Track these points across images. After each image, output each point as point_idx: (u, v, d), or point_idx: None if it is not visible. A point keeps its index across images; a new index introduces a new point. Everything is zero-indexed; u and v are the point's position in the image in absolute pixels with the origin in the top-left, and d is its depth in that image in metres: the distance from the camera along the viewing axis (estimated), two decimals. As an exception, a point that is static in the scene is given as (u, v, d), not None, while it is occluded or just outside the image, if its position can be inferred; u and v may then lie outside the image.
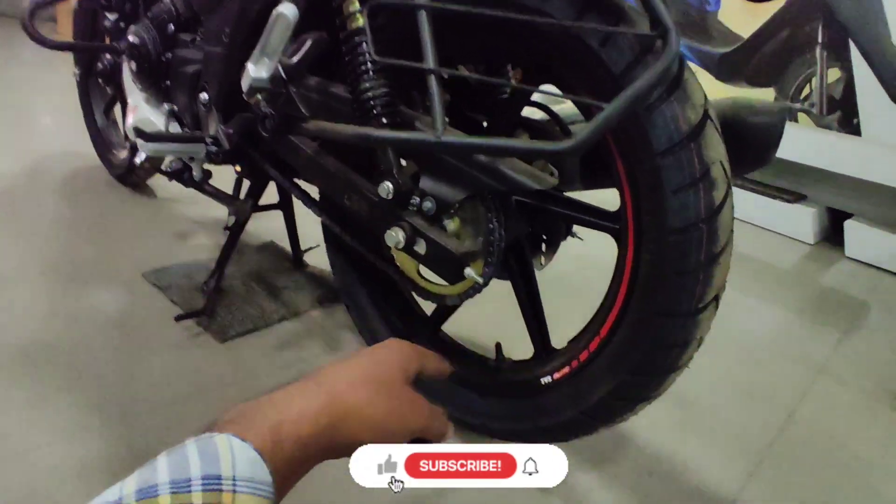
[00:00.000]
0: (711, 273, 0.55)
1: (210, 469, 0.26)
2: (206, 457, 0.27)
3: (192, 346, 1.01)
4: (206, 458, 0.27)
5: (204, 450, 0.27)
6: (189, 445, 0.28)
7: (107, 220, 1.46)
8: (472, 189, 0.61)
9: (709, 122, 0.53)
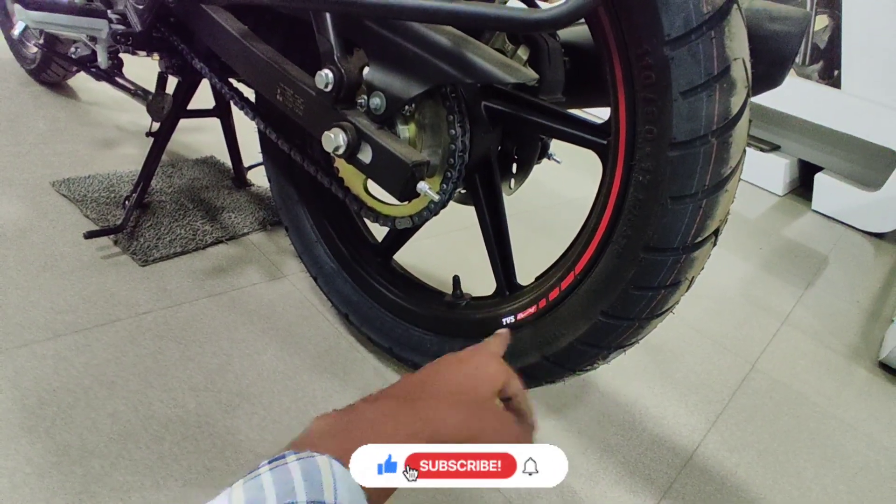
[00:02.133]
0: (715, 201, 0.45)
1: (314, 495, 0.26)
2: (310, 481, 0.27)
3: (106, 267, 0.87)
4: (310, 482, 0.26)
5: (307, 472, 0.27)
6: (292, 465, 0.27)
7: (16, 121, 1.25)
8: (431, 82, 0.48)
9: (734, 6, 0.42)
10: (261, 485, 0.26)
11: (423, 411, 0.34)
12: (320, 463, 0.27)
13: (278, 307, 0.88)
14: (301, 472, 0.27)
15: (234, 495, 0.26)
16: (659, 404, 0.87)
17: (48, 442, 0.59)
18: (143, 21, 0.72)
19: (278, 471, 0.27)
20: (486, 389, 0.38)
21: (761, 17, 0.58)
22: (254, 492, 0.26)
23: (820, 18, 2.36)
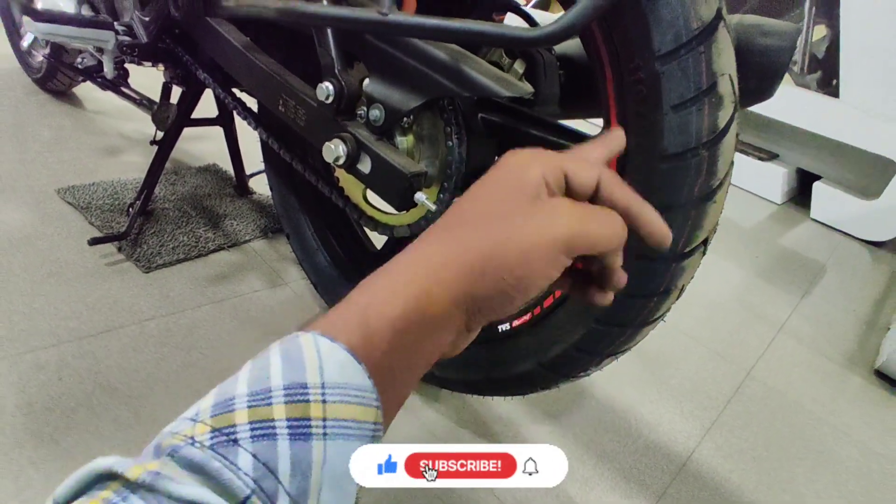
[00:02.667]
0: (704, 211, 0.46)
1: (294, 377, 0.22)
2: (290, 362, 0.23)
3: (110, 274, 0.88)
4: (290, 363, 0.23)
5: (287, 354, 0.23)
6: (272, 349, 0.24)
7: (21, 130, 1.27)
8: (428, 94, 0.50)
9: (722, 24, 0.43)
10: (235, 378, 0.23)
11: (414, 251, 0.27)
12: (303, 341, 0.24)
13: (279, 314, 0.89)
14: (280, 355, 0.23)
15: (208, 395, 0.23)
16: (654, 411, 0.88)
17: (52, 447, 0.60)
18: (148, 33, 0.74)
19: (256, 360, 0.24)
20: (511, 194, 0.27)
21: (753, 32, 0.60)
22: (226, 386, 0.23)
23: (818, 29, 2.38)
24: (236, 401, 0.22)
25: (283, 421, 0.21)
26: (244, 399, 0.21)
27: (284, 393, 0.22)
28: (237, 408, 0.21)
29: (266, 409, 0.21)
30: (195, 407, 0.22)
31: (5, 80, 1.50)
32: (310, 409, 0.22)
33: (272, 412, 0.21)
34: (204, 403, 0.22)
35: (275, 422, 0.21)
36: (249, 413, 0.21)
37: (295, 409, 0.22)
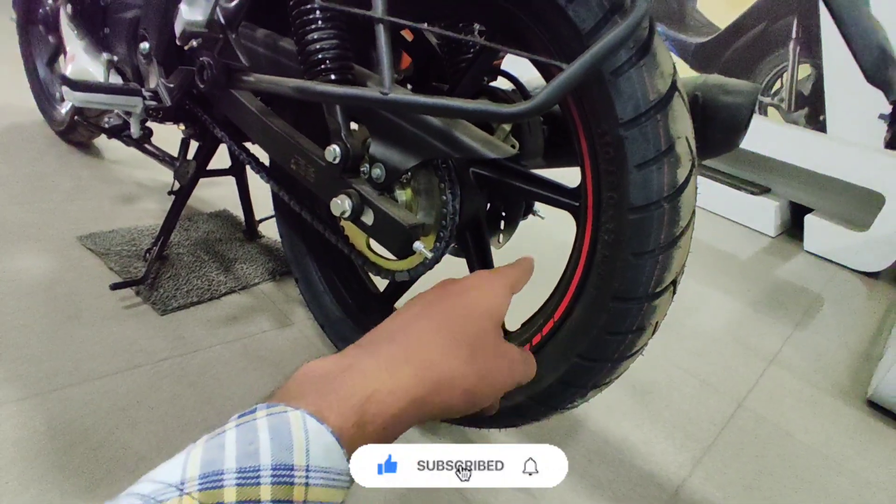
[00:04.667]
0: (670, 256, 0.52)
1: (281, 457, 0.23)
2: (278, 441, 0.24)
3: (127, 317, 0.94)
4: (278, 442, 0.24)
5: (276, 430, 0.24)
6: (260, 421, 0.24)
7: (44, 180, 1.35)
8: (424, 155, 0.57)
9: (676, 94, 0.50)
10: (222, 443, 0.24)
11: (422, 358, 0.31)
12: (292, 419, 0.24)
13: (287, 353, 0.94)
14: (268, 430, 0.24)
15: (193, 453, 0.24)
16: (647, 441, 0.91)
17: (79, 478, 0.64)
18: (172, 97, 0.81)
19: (244, 428, 0.24)
20: (487, 324, 0.34)
21: (716, 91, 0.66)
22: (213, 451, 0.23)
23: (803, 67, 2.49)
24: (225, 476, 0.22)
25: (268, 502, 0.23)
26: (233, 476, 0.22)
27: (272, 474, 0.23)
28: (226, 485, 0.22)
29: (254, 490, 0.22)
30: (178, 470, 0.23)
31: (29, 133, 1.59)
32: (293, 492, 0.23)
33: (259, 493, 0.22)
34: (190, 471, 0.23)
35: (261, 503, 0.23)
36: (238, 492, 0.22)
37: (280, 490, 0.23)
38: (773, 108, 2.55)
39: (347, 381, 0.28)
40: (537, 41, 0.55)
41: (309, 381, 0.28)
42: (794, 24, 2.46)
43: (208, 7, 0.60)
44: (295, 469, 0.23)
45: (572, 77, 0.41)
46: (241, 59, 0.62)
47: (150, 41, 0.85)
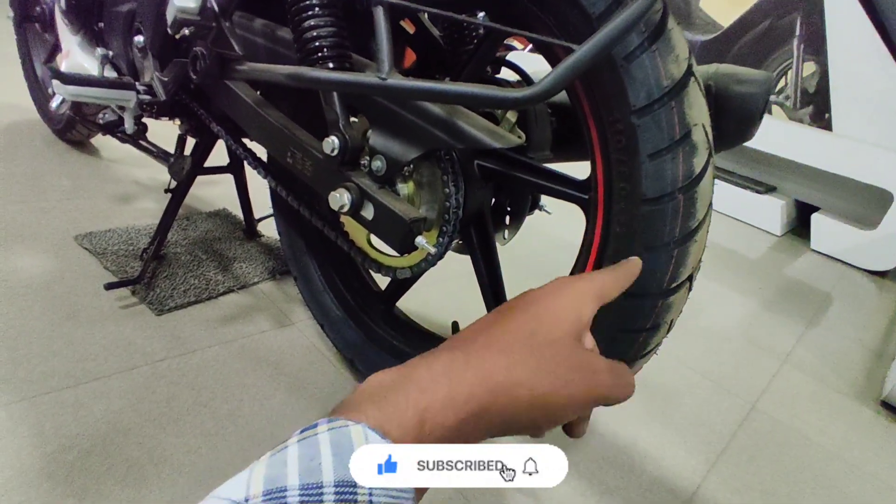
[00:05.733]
0: (686, 250, 0.49)
1: (343, 473, 0.23)
2: (340, 457, 0.23)
3: (124, 317, 0.92)
4: (340, 458, 0.23)
5: (338, 446, 0.24)
6: (321, 436, 0.24)
7: (41, 179, 1.33)
8: (426, 147, 0.54)
9: (692, 79, 0.47)
10: (284, 460, 0.23)
11: (483, 363, 0.29)
12: (353, 434, 0.24)
13: (286, 353, 0.91)
14: (330, 446, 0.24)
15: (256, 470, 0.23)
16: (659, 445, 0.88)
17: (66, 487, 0.62)
18: (167, 91, 0.79)
19: (306, 443, 0.24)
20: (565, 334, 0.32)
21: (728, 80, 0.64)
22: (276, 468, 0.23)
23: (807, 65, 2.46)
24: (288, 493, 0.22)
25: None
26: (296, 493, 0.22)
27: (335, 490, 0.23)
28: (289, 501, 0.22)
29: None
30: (242, 487, 0.23)
31: (26, 131, 1.58)
32: None
33: None
34: (254, 488, 0.22)
35: None
36: None
37: None
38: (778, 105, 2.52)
39: (405, 391, 0.27)
40: (544, 28, 0.52)
41: (369, 395, 0.28)
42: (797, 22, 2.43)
43: (201, -7, 0.58)
44: (358, 486, 0.23)
45: (582, 59, 0.38)
46: (234, 48, 0.60)
47: (144, 34, 0.83)
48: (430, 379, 0.28)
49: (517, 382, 0.29)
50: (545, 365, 0.31)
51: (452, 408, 0.28)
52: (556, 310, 0.33)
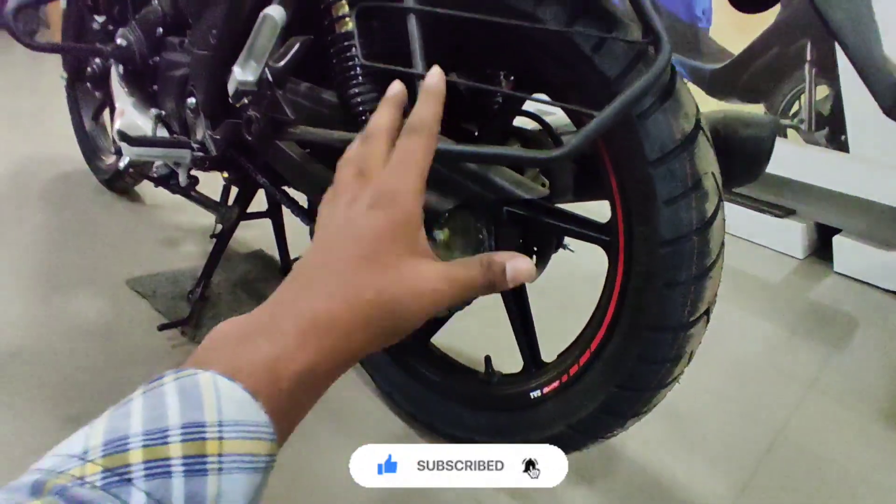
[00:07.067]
0: (702, 286, 0.54)
1: (191, 415, 0.23)
2: (187, 401, 0.23)
3: (176, 355, 0.98)
4: (187, 402, 0.23)
5: (184, 392, 0.23)
6: (168, 385, 0.24)
7: (92, 226, 1.43)
8: (461, 198, 0.60)
9: (701, 133, 0.53)
10: (128, 411, 0.23)
11: (347, 298, 0.28)
12: (201, 380, 0.24)
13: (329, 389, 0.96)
14: (177, 394, 0.23)
15: (97, 423, 0.23)
16: (686, 472, 0.90)
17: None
18: (218, 148, 0.87)
19: (150, 394, 0.24)
20: (390, 246, 0.30)
21: (736, 125, 0.69)
22: (118, 420, 0.22)
23: (820, 88, 2.50)
24: (130, 440, 0.22)
25: (178, 459, 0.22)
26: (139, 438, 0.22)
27: (182, 431, 0.22)
28: (131, 447, 0.21)
29: (162, 448, 0.22)
30: (80, 442, 0.22)
31: (76, 182, 1.69)
32: (206, 447, 0.22)
33: (168, 451, 0.22)
34: (93, 440, 0.22)
35: (170, 460, 0.21)
36: (144, 452, 0.21)
37: (191, 447, 0.22)
38: (793, 129, 2.55)
39: (254, 340, 0.27)
40: (565, 86, 0.58)
41: (220, 342, 0.28)
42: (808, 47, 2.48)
43: (259, 68, 0.66)
44: (206, 425, 0.23)
45: (602, 124, 0.44)
46: (287, 112, 0.67)
47: (197, 96, 0.91)
48: (276, 328, 0.28)
49: (361, 288, 0.29)
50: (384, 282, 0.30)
51: (302, 351, 0.27)
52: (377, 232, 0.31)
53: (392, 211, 0.31)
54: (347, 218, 0.32)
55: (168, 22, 1.00)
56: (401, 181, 0.32)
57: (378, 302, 0.29)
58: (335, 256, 0.31)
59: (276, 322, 0.28)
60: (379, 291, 0.29)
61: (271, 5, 0.63)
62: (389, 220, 0.31)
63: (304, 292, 0.30)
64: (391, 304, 0.30)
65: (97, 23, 1.17)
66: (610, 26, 0.52)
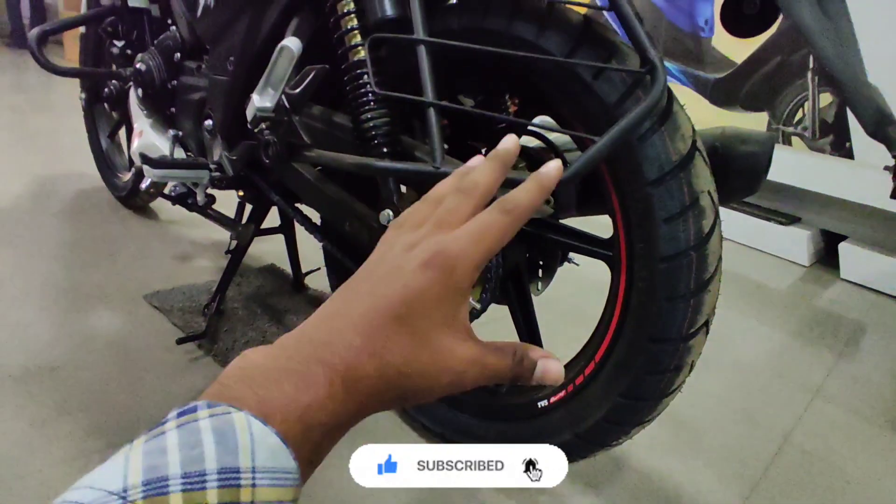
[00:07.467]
0: (701, 299, 0.56)
1: (227, 460, 0.23)
2: (223, 444, 0.23)
3: (193, 369, 1.01)
4: (223, 445, 0.23)
5: (221, 433, 0.23)
6: (203, 422, 0.24)
7: (109, 242, 1.47)
8: (470, 216, 0.63)
9: (697, 153, 0.55)
10: (164, 447, 0.23)
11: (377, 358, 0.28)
12: (236, 421, 0.24)
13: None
14: (212, 433, 0.23)
15: (133, 458, 0.23)
16: (692, 479, 0.92)
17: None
18: (234, 168, 0.91)
19: (187, 430, 0.23)
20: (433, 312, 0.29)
21: (734, 141, 0.72)
22: (155, 457, 0.22)
23: (823, 96, 2.51)
24: (170, 482, 0.22)
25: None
26: (178, 482, 0.22)
27: (218, 477, 0.22)
28: (171, 490, 0.22)
29: (200, 494, 0.22)
30: (118, 476, 0.22)
31: (93, 198, 1.74)
32: (240, 494, 0.23)
33: (206, 497, 0.22)
34: (132, 478, 0.22)
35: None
36: (184, 498, 0.22)
37: (227, 493, 0.22)
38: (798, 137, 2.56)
39: (282, 387, 0.27)
40: (567, 110, 0.61)
41: (246, 375, 0.27)
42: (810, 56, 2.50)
43: (276, 95, 0.69)
44: (241, 472, 0.23)
45: (601, 151, 0.47)
46: (303, 137, 0.71)
47: (214, 119, 0.95)
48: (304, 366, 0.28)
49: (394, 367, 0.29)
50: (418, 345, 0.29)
51: (333, 402, 0.27)
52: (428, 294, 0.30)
53: (446, 277, 0.30)
54: (401, 262, 0.30)
55: (185, 47, 1.04)
56: (467, 251, 0.30)
57: (404, 372, 0.29)
58: (377, 310, 0.29)
59: (307, 366, 0.28)
60: (407, 361, 0.29)
61: (288, 37, 0.66)
62: (440, 286, 0.29)
63: (338, 339, 0.29)
64: (415, 377, 0.29)
65: (116, 48, 1.22)
66: (609, 54, 0.55)
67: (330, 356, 0.28)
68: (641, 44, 0.50)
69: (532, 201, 0.34)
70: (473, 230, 0.31)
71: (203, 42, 1.01)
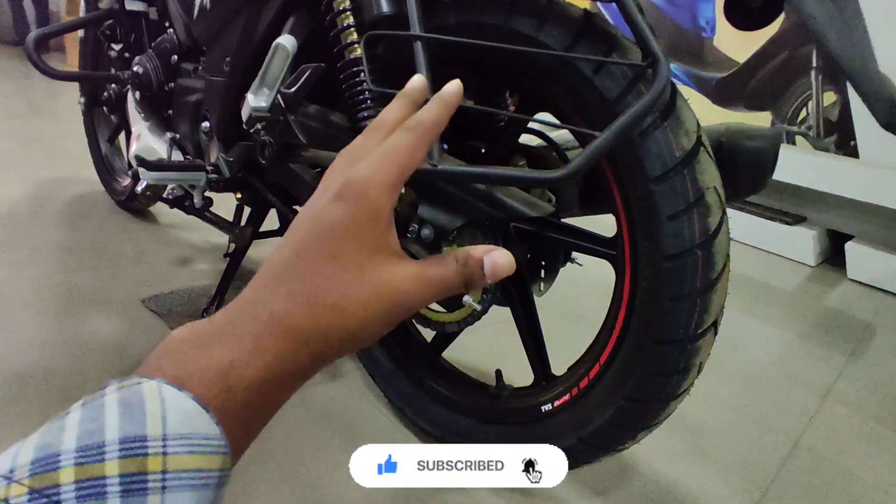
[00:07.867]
0: (708, 299, 0.54)
1: (131, 429, 0.21)
2: (128, 413, 0.21)
3: (190, 373, 1.00)
4: (128, 414, 0.21)
5: (126, 403, 0.22)
6: (109, 396, 0.22)
7: (108, 246, 1.46)
8: (470, 216, 0.61)
9: (702, 149, 0.54)
10: (63, 425, 0.21)
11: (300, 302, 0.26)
12: (146, 390, 0.22)
13: (339, 403, 0.98)
14: (118, 405, 0.22)
15: (29, 440, 0.21)
16: (701, 484, 0.90)
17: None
18: (231, 170, 0.89)
19: (90, 406, 0.22)
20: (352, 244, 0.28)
21: (740, 137, 0.70)
22: (51, 435, 0.21)
23: (827, 95, 2.49)
24: (62, 458, 0.20)
25: (115, 478, 0.20)
26: (71, 456, 0.20)
27: (120, 447, 0.20)
28: (63, 465, 0.20)
29: (97, 466, 0.20)
30: (8, 458, 0.20)
31: (92, 202, 1.74)
32: (147, 463, 0.20)
33: (104, 469, 0.20)
34: (22, 457, 0.20)
35: (106, 479, 0.20)
36: (77, 471, 0.20)
37: (130, 463, 0.20)
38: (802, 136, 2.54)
39: (208, 346, 0.25)
40: (567, 106, 0.60)
41: (170, 350, 0.25)
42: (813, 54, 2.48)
43: (271, 94, 0.68)
44: (148, 439, 0.21)
45: (602, 146, 0.45)
46: (299, 136, 0.69)
47: (211, 120, 0.94)
48: (227, 328, 0.26)
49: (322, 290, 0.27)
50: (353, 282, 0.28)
51: (257, 357, 0.25)
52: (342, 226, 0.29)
53: (357, 203, 0.28)
54: (314, 211, 0.29)
55: (182, 49, 1.03)
56: (375, 173, 0.29)
57: (340, 306, 0.27)
58: (298, 254, 0.28)
59: (233, 325, 0.26)
60: (342, 294, 0.27)
61: (283, 35, 0.65)
62: (353, 213, 0.28)
63: (264, 293, 0.28)
64: (357, 310, 0.27)
65: (114, 51, 1.21)
66: (609, 48, 0.54)
67: (257, 312, 0.27)
68: (644, 36, 0.49)
69: (435, 118, 0.33)
70: (378, 153, 0.31)
71: (200, 43, 1.00)
